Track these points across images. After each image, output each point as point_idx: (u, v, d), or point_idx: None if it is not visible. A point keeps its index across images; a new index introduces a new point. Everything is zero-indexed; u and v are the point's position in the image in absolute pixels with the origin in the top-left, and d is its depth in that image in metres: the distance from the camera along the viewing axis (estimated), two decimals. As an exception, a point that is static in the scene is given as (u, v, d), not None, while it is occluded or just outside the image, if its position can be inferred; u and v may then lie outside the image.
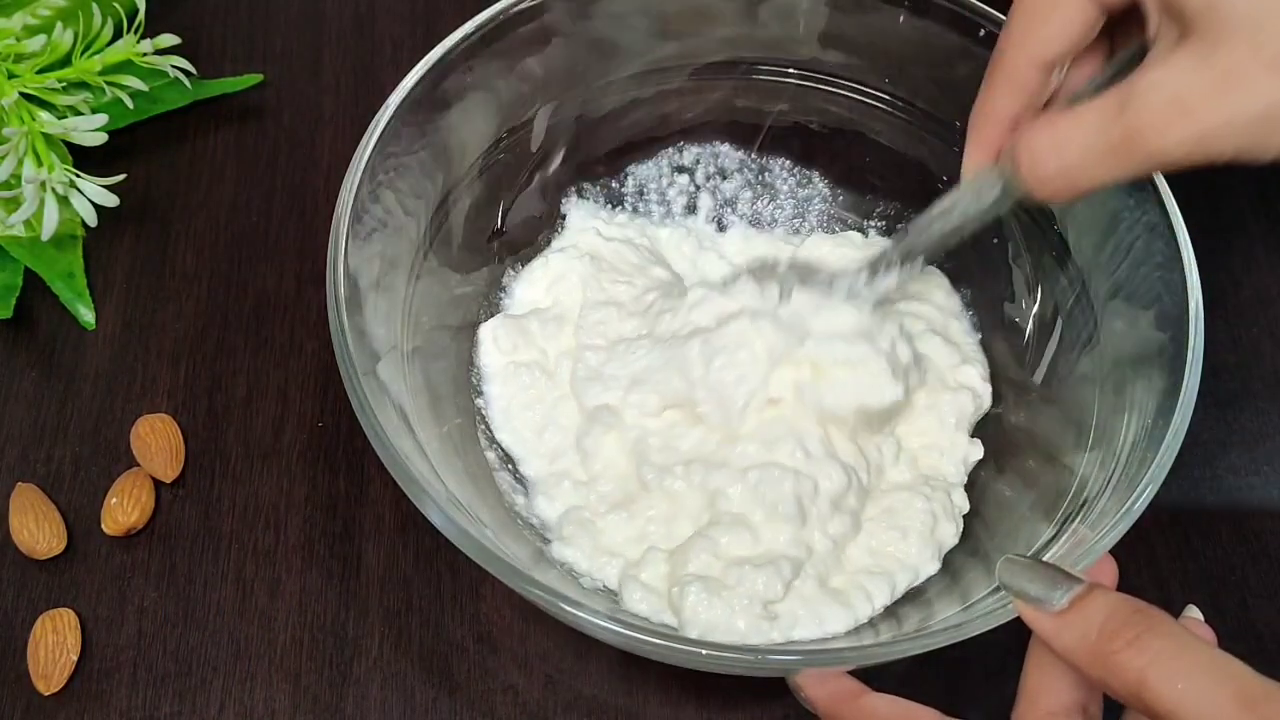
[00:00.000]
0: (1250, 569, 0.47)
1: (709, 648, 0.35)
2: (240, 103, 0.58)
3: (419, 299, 0.45)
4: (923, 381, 0.46)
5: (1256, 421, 0.51)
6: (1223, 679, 0.29)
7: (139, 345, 0.51)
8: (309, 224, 0.54)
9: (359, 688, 0.43)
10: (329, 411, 0.49)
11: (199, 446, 0.48)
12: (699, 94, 0.52)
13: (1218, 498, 0.49)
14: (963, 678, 0.43)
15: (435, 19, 0.61)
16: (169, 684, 0.43)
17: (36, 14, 0.53)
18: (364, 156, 0.42)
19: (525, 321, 0.48)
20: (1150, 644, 0.29)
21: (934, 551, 0.43)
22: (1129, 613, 0.30)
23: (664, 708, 0.43)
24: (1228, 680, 0.29)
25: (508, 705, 0.43)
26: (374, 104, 0.43)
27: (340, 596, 0.45)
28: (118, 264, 0.53)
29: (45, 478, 0.47)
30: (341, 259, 0.40)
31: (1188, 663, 0.29)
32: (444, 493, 0.38)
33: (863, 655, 0.37)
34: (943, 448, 0.46)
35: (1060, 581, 0.32)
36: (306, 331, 0.51)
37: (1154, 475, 0.37)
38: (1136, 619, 0.30)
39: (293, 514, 0.47)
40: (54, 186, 0.48)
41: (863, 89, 0.50)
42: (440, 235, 0.47)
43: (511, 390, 0.47)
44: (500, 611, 0.45)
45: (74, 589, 0.45)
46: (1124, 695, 0.30)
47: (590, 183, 0.52)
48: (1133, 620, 0.30)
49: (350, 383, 0.38)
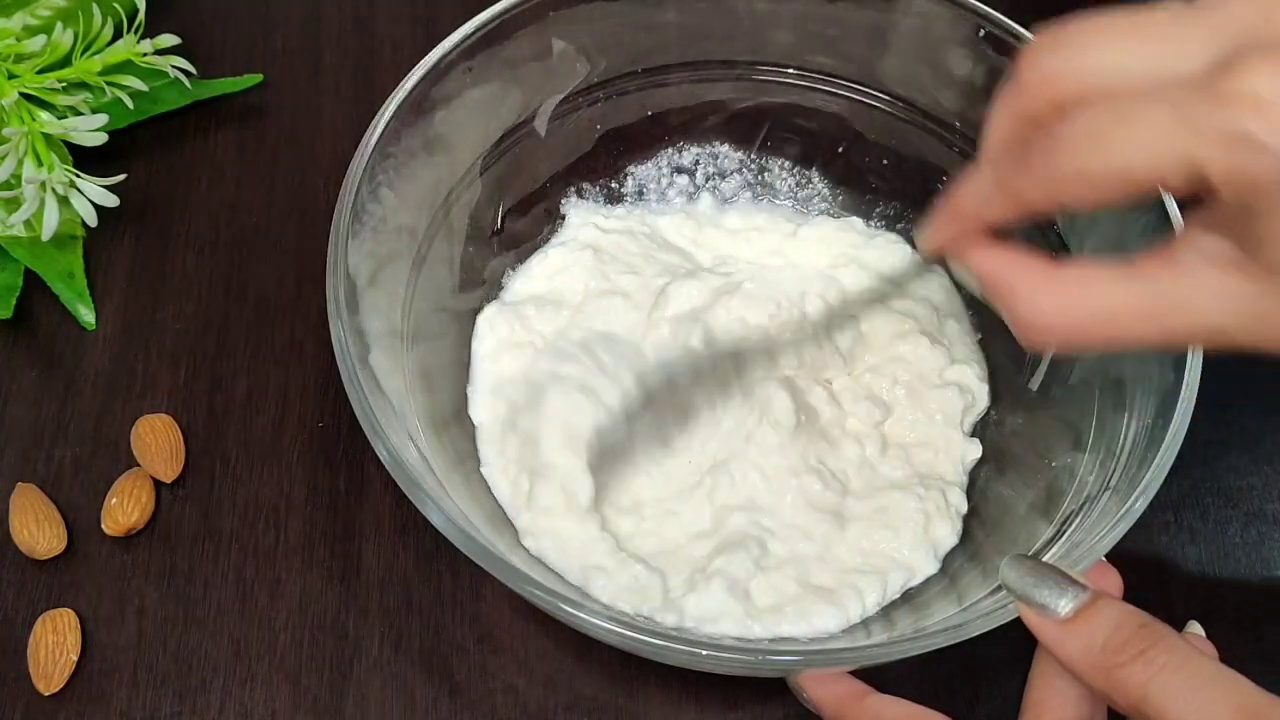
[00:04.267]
0: (1250, 569, 0.47)
1: (709, 648, 0.35)
2: (240, 103, 0.58)
3: (419, 299, 0.45)
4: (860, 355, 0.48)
5: (1256, 421, 0.51)
6: (1225, 693, 0.29)
7: (139, 345, 0.51)
8: (309, 224, 0.54)
9: (359, 688, 0.43)
10: (329, 412, 0.49)
11: (199, 446, 0.48)
12: (699, 94, 0.52)
13: (1218, 498, 0.49)
14: (964, 680, 0.43)
15: (435, 19, 0.61)
16: (169, 684, 0.43)
17: (36, 14, 0.53)
18: (364, 156, 0.42)
19: (521, 307, 0.48)
20: (1155, 658, 0.30)
21: (929, 551, 0.43)
22: (1134, 627, 0.30)
23: (664, 708, 0.43)
24: (1230, 695, 0.29)
25: (508, 705, 0.43)
26: (374, 104, 0.43)
27: (340, 596, 0.45)
28: (118, 264, 0.53)
29: (45, 478, 0.47)
30: (341, 259, 0.40)
31: (1191, 677, 0.29)
32: (443, 493, 0.38)
33: (862, 656, 0.37)
34: (937, 445, 0.46)
35: (1065, 588, 0.32)
36: (306, 331, 0.51)
37: (1154, 475, 0.37)
38: (1141, 634, 0.30)
39: (293, 514, 0.47)
40: (54, 186, 0.48)
41: (863, 89, 0.50)
42: (440, 235, 0.47)
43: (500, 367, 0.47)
44: (500, 611, 0.45)
45: (74, 589, 0.45)
46: (1127, 708, 0.30)
47: (590, 183, 0.52)
48: (1138, 635, 0.30)
49: (350, 383, 0.38)
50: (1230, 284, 0.28)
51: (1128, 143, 0.27)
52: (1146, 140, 0.27)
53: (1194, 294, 0.29)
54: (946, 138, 0.49)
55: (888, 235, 0.52)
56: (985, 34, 0.46)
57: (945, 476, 0.46)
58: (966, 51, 0.46)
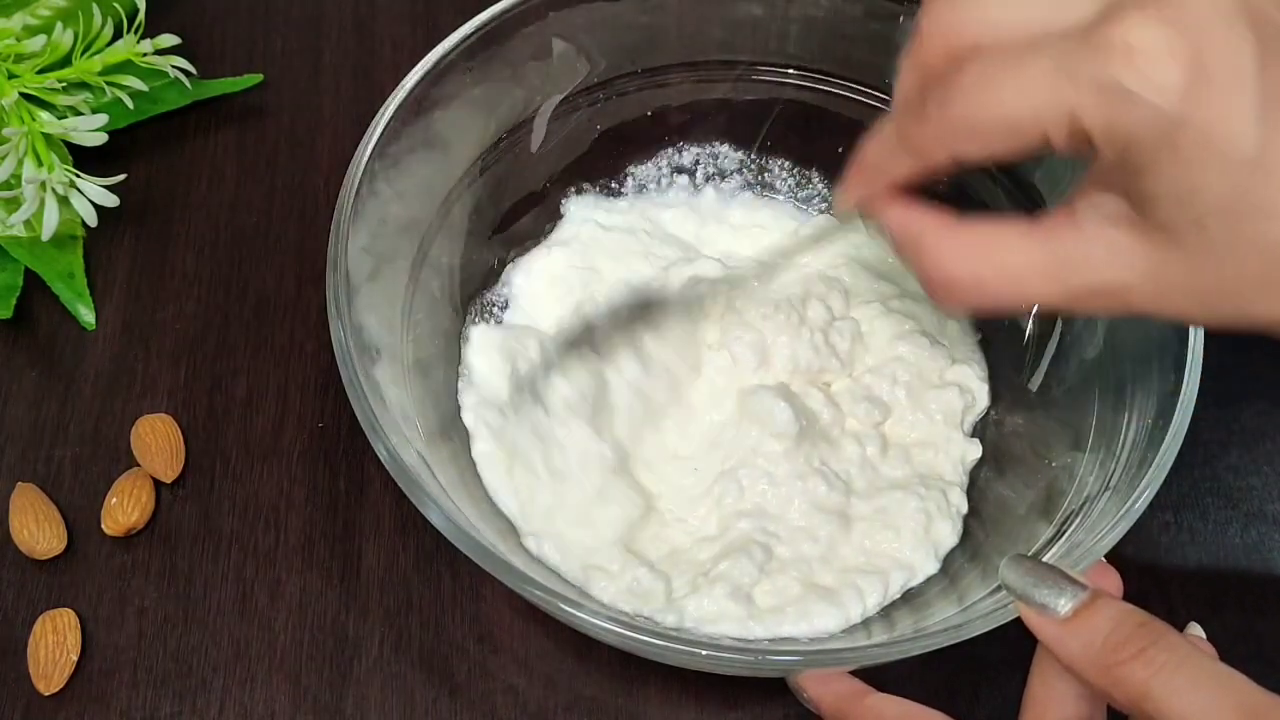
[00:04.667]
0: (1250, 569, 0.47)
1: (709, 648, 0.35)
2: (240, 103, 0.58)
3: (419, 298, 0.45)
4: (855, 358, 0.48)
5: (1256, 421, 0.51)
6: (1227, 692, 0.29)
7: (139, 345, 0.51)
8: (309, 224, 0.54)
9: (359, 688, 0.43)
10: (329, 412, 0.49)
11: (199, 446, 0.48)
12: (699, 94, 0.52)
13: (1218, 498, 0.49)
14: (964, 680, 0.43)
15: (435, 19, 0.61)
16: (169, 684, 0.43)
17: (36, 14, 0.53)
18: (364, 156, 0.42)
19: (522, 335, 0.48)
20: (1155, 657, 0.30)
21: (930, 550, 0.43)
22: (1134, 625, 0.30)
23: (664, 708, 0.43)
24: (1231, 693, 0.29)
25: (508, 705, 0.43)
26: (374, 104, 0.43)
27: (340, 597, 0.45)
28: (118, 264, 0.53)
29: (45, 478, 0.47)
30: (342, 259, 0.40)
31: (1191, 676, 0.29)
32: (443, 493, 0.38)
33: (862, 656, 0.37)
34: (937, 444, 0.46)
35: (1065, 587, 0.32)
36: (306, 331, 0.51)
37: (1154, 475, 0.37)
38: (1142, 632, 0.30)
39: (293, 514, 0.47)
40: (54, 186, 0.48)
41: (863, 89, 0.50)
42: (440, 235, 0.47)
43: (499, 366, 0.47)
44: (500, 611, 0.45)
45: (74, 589, 0.45)
46: (1127, 706, 0.30)
47: (590, 182, 0.52)
48: (1138, 633, 0.30)
49: (350, 383, 0.38)
50: (1125, 243, 0.29)
51: (1011, 92, 0.27)
52: (1028, 90, 0.27)
53: (1092, 253, 0.29)
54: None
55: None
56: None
57: (945, 476, 0.46)
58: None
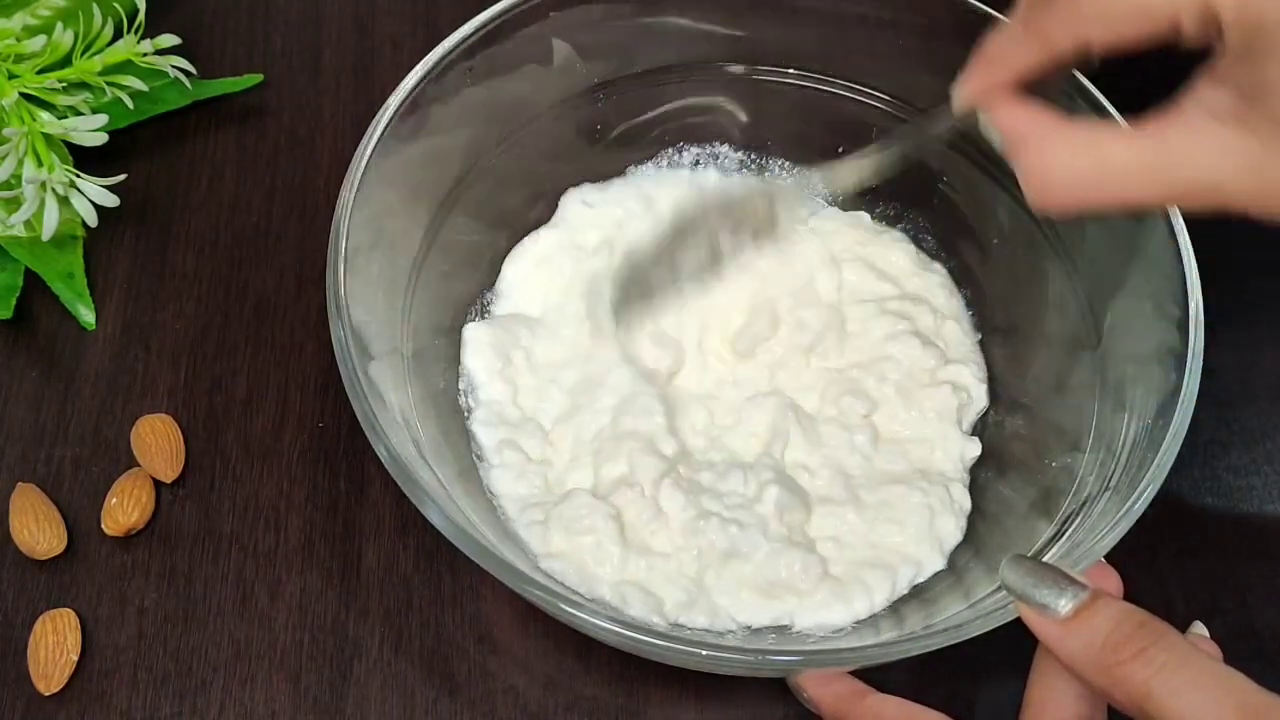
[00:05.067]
0: (1250, 569, 0.47)
1: (709, 648, 0.35)
2: (240, 103, 0.58)
3: (418, 298, 0.45)
4: None
5: (1256, 421, 0.51)
6: (1226, 692, 0.29)
7: (139, 345, 0.51)
8: (309, 224, 0.54)
9: (359, 688, 0.43)
10: (329, 412, 0.49)
11: (199, 446, 0.48)
12: (699, 94, 0.52)
13: (1218, 498, 0.49)
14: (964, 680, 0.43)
15: (435, 19, 0.61)
16: (169, 684, 0.43)
17: (36, 14, 0.53)
18: (364, 156, 0.42)
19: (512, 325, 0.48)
20: (1155, 656, 0.30)
21: (935, 545, 0.43)
22: (1135, 625, 0.30)
23: (664, 708, 0.43)
24: (1231, 693, 0.29)
25: (508, 705, 0.43)
26: (374, 104, 0.43)
27: (340, 596, 0.45)
28: (118, 264, 0.53)
29: (45, 478, 0.47)
30: (341, 259, 0.40)
31: (1192, 675, 0.29)
32: (444, 493, 0.38)
33: (863, 656, 0.37)
34: (933, 441, 0.46)
35: (1065, 586, 0.32)
36: (306, 331, 0.51)
37: (1154, 475, 0.37)
38: (1142, 632, 0.30)
39: (293, 514, 0.47)
40: (54, 186, 0.48)
41: (863, 89, 0.50)
42: (441, 235, 0.47)
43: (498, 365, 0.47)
44: (500, 611, 0.45)
45: (74, 589, 0.45)
46: (1128, 706, 0.30)
47: (590, 182, 0.52)
48: (1138, 633, 0.30)
49: (350, 383, 0.38)
50: (1232, 138, 0.29)
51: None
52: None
53: (1195, 148, 0.30)
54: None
55: (893, 233, 0.52)
56: (987, 34, 0.46)
57: (946, 472, 0.46)
58: (967, 51, 0.46)
